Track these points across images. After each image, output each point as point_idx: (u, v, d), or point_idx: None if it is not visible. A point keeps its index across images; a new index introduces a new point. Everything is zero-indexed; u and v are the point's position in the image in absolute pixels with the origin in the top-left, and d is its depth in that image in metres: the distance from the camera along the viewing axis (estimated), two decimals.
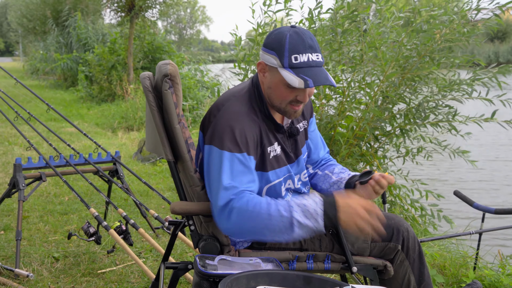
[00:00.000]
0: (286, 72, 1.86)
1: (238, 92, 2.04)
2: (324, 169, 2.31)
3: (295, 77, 1.84)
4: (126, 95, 12.48)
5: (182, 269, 2.08)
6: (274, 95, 1.96)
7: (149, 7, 13.65)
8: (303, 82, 1.83)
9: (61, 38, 20.94)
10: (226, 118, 1.92)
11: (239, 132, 1.89)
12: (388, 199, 4.75)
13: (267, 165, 2.00)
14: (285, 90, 1.92)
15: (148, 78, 2.07)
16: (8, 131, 8.87)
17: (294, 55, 1.86)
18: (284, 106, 1.96)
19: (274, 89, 1.94)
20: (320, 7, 4.41)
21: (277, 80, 1.92)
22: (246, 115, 1.95)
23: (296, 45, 1.86)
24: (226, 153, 1.87)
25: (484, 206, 3.07)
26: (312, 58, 1.87)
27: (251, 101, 2.01)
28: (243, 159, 1.88)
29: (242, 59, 4.78)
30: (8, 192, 3.44)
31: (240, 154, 1.88)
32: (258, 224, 1.78)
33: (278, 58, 1.88)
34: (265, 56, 1.94)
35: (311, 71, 1.86)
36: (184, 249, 3.66)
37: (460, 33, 4.12)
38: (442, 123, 4.35)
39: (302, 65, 1.86)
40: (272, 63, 1.91)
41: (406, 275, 2.13)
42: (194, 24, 76.22)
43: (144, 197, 5.04)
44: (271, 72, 1.94)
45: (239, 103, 1.98)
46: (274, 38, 1.91)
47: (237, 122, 1.90)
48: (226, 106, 1.97)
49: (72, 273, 3.22)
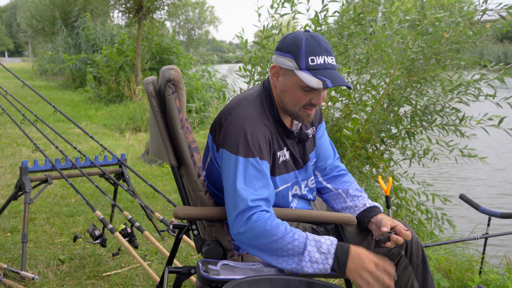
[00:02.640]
0: (303, 73, 1.87)
1: (250, 96, 2.05)
2: (338, 186, 2.28)
3: (312, 78, 1.85)
4: (134, 96, 12.52)
5: (185, 273, 2.08)
6: (288, 98, 1.96)
7: (157, 8, 13.70)
8: (321, 82, 1.84)
9: (69, 39, 21.03)
10: (238, 122, 1.93)
11: (251, 136, 1.89)
12: (395, 201, 4.74)
13: (275, 170, 2.01)
14: (300, 93, 1.92)
15: (151, 83, 2.07)
16: (16, 132, 8.93)
17: (311, 57, 1.87)
18: (298, 110, 1.96)
19: (289, 92, 1.95)
20: (326, 10, 4.41)
21: (292, 83, 1.92)
22: (258, 119, 1.95)
23: (313, 47, 1.87)
24: (240, 158, 1.88)
25: (490, 210, 3.05)
26: (328, 61, 1.88)
27: (262, 105, 2.01)
28: (256, 164, 1.89)
29: (248, 61, 4.79)
30: (15, 195, 3.46)
31: (253, 159, 1.88)
32: (269, 244, 1.79)
33: (294, 60, 1.89)
34: (280, 59, 1.94)
35: (328, 72, 1.87)
36: (190, 251, 3.67)
37: (466, 35, 4.11)
38: (448, 126, 4.34)
39: (319, 67, 1.87)
40: (287, 65, 1.91)
41: (409, 280, 2.12)
42: (203, 25, 76.41)
43: (150, 199, 5.06)
44: (286, 75, 1.94)
45: (250, 107, 1.99)
46: (290, 42, 1.92)
47: (248, 126, 1.91)
48: (238, 110, 1.97)
49: (78, 275, 3.24)
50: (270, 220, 1.81)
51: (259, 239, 1.81)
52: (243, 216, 1.83)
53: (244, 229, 1.82)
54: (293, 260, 1.79)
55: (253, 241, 1.82)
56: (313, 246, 1.78)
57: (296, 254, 1.78)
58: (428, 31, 4.11)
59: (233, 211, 1.85)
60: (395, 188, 4.65)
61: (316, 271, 1.77)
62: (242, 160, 1.88)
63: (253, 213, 1.82)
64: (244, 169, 1.87)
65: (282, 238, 1.78)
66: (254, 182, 1.87)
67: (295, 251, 1.78)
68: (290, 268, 1.81)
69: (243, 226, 1.82)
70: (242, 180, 1.86)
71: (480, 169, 7.57)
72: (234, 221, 1.85)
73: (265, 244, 1.80)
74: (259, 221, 1.80)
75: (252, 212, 1.82)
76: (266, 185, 1.90)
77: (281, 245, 1.78)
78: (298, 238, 1.78)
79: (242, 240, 1.86)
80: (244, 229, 1.82)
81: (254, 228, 1.80)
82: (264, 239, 1.80)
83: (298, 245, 1.78)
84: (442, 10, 4.13)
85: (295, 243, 1.78)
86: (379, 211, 2.12)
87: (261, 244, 1.81)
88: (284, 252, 1.79)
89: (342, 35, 4.28)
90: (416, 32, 4.18)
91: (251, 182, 1.87)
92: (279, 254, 1.80)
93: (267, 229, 1.79)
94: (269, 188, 1.91)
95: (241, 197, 1.84)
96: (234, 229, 1.85)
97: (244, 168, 1.87)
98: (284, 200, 2.08)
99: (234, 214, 1.85)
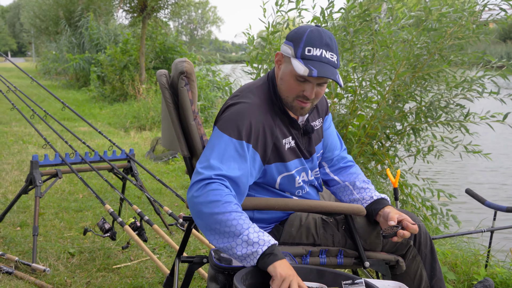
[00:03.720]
0: (296, 61, 1.90)
1: (254, 84, 2.09)
2: (344, 178, 2.29)
3: (302, 65, 1.88)
4: (138, 95, 12.56)
5: (198, 262, 2.11)
6: (283, 86, 1.99)
7: (161, 7, 13.75)
8: (308, 70, 1.86)
9: (73, 38, 21.10)
10: (237, 107, 1.96)
11: (246, 121, 1.92)
12: (400, 198, 4.77)
13: (284, 155, 2.03)
14: (293, 82, 1.95)
15: (164, 75, 2.11)
16: (22, 130, 8.98)
17: (308, 47, 1.90)
18: (291, 100, 1.99)
19: (285, 80, 1.98)
20: (332, 6, 4.44)
21: (288, 71, 1.95)
22: (258, 108, 1.98)
23: (313, 39, 1.90)
24: (225, 136, 1.90)
25: (496, 204, 3.08)
26: (325, 54, 1.90)
27: (265, 94, 2.04)
28: (239, 146, 1.90)
29: (255, 58, 4.82)
30: (25, 189, 3.50)
31: (237, 141, 1.90)
32: (215, 215, 1.75)
33: (293, 48, 1.92)
34: (283, 47, 1.99)
35: (320, 65, 1.89)
36: (198, 245, 3.71)
37: (469, 30, 4.13)
38: (453, 123, 4.37)
39: (313, 58, 1.89)
40: (287, 52, 1.95)
41: (418, 270, 2.15)
42: (205, 25, 76.44)
43: (158, 195, 5.10)
44: (285, 62, 1.98)
45: (253, 95, 2.02)
46: (296, 31, 1.96)
47: (246, 112, 1.94)
48: (240, 97, 2.02)
49: (88, 268, 3.28)
50: (226, 194, 1.79)
51: (208, 207, 1.77)
52: (203, 181, 1.81)
53: (199, 193, 1.80)
54: (229, 238, 1.74)
55: (202, 207, 1.78)
56: (253, 233, 1.72)
57: (233, 233, 1.73)
58: (433, 26, 4.14)
59: (197, 176, 1.84)
60: (401, 184, 4.68)
61: (242, 258, 1.74)
62: (227, 138, 1.89)
63: (214, 182, 1.81)
64: (224, 147, 1.89)
65: (230, 213, 1.74)
66: (231, 162, 1.88)
67: (233, 231, 1.73)
68: (222, 246, 1.76)
69: (199, 190, 1.80)
70: (218, 157, 1.87)
71: (485, 167, 7.61)
72: (193, 184, 1.83)
73: (211, 213, 1.76)
74: (216, 190, 1.78)
75: (213, 181, 1.81)
76: (241, 169, 1.89)
77: (226, 218, 1.74)
78: (242, 222, 1.74)
79: (192, 204, 1.82)
80: (199, 193, 1.80)
81: (209, 195, 1.78)
82: (212, 208, 1.76)
83: (242, 224, 1.73)
84: (447, 6, 4.15)
85: (239, 223, 1.73)
86: (386, 203, 2.14)
87: (207, 212, 1.77)
88: (225, 227, 1.74)
89: (348, 31, 4.31)
90: (422, 28, 4.21)
91: (227, 161, 1.87)
92: (218, 228, 1.75)
93: (219, 200, 1.76)
94: (242, 173, 1.89)
95: (211, 167, 1.84)
96: (190, 192, 1.83)
97: (225, 146, 1.89)
98: (291, 185, 2.10)
99: (196, 178, 1.83)
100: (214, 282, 1.84)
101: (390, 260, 2.12)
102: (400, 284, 1.85)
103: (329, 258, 2.09)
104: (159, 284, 3.08)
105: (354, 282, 1.70)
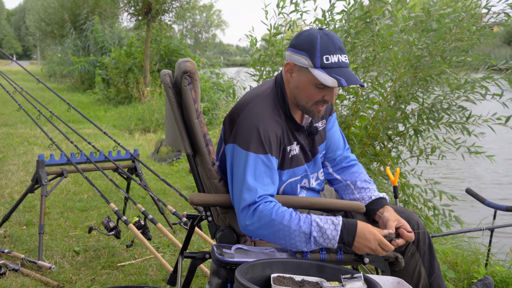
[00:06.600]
0: (318, 72, 1.94)
1: (262, 92, 2.12)
2: (346, 177, 2.34)
3: (327, 76, 1.92)
4: (142, 98, 12.63)
5: (200, 258, 2.16)
6: (302, 95, 2.03)
7: (166, 10, 13.83)
8: (336, 81, 1.91)
9: (78, 41, 21.20)
10: (250, 118, 2.00)
11: (263, 133, 1.97)
12: (402, 198, 4.79)
13: (285, 163, 2.09)
14: (313, 90, 2.00)
15: (168, 75, 2.16)
16: (28, 131, 9.05)
17: (325, 56, 1.94)
18: (310, 106, 2.04)
19: (302, 89, 2.02)
20: (333, 8, 4.48)
21: (306, 80, 1.99)
22: (270, 116, 2.03)
23: (327, 46, 1.95)
24: (251, 154, 1.96)
25: (496, 203, 3.11)
26: (341, 59, 1.96)
27: (274, 102, 2.08)
28: (266, 160, 1.98)
29: (258, 61, 4.86)
30: (32, 187, 3.55)
31: (264, 156, 1.97)
32: (277, 232, 1.90)
33: (309, 58, 1.96)
34: (294, 56, 2.01)
35: (342, 71, 1.95)
36: (201, 244, 3.75)
37: (470, 31, 4.16)
38: (455, 124, 4.39)
39: (333, 66, 1.95)
40: (302, 63, 1.98)
41: (416, 267, 2.19)
42: (210, 28, 76.54)
43: (161, 195, 5.15)
44: (300, 72, 2.01)
45: (263, 103, 2.06)
46: (304, 39, 1.98)
47: (261, 123, 1.99)
48: (250, 106, 2.04)
49: (93, 265, 3.33)
50: (275, 209, 1.91)
51: (266, 229, 1.91)
52: (250, 208, 1.92)
53: (251, 221, 1.92)
54: (301, 246, 1.92)
55: (261, 231, 1.93)
56: (318, 233, 1.89)
57: (303, 242, 1.90)
58: (432, 27, 4.17)
59: (241, 203, 1.94)
60: (402, 185, 4.70)
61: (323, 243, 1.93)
62: (253, 156, 1.96)
63: (259, 204, 1.92)
64: (254, 165, 1.96)
65: (288, 226, 1.88)
66: (264, 178, 1.96)
67: (301, 240, 1.90)
68: (300, 249, 1.93)
69: (249, 219, 1.92)
70: (252, 175, 1.95)
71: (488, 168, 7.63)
72: (241, 213, 1.95)
73: (272, 232, 1.91)
74: (265, 211, 1.90)
75: (258, 204, 1.92)
76: (274, 181, 2.00)
77: (288, 232, 1.89)
78: (304, 227, 1.89)
79: (250, 231, 1.96)
80: (251, 221, 1.92)
81: (261, 218, 1.90)
82: (271, 228, 1.90)
83: (304, 235, 1.89)
84: (446, 7, 4.18)
85: (301, 235, 1.89)
86: (385, 203, 2.18)
87: (269, 233, 1.92)
88: (293, 240, 1.90)
89: (349, 33, 4.35)
90: (421, 29, 4.24)
91: (260, 178, 1.96)
92: (287, 241, 1.91)
93: (273, 218, 1.89)
94: (275, 184, 2.01)
95: (250, 191, 1.93)
96: (242, 222, 1.95)
97: (254, 163, 1.96)
98: (292, 192, 2.17)
99: (241, 207, 1.94)
100: (217, 276, 1.88)
101: (389, 257, 2.16)
102: (399, 280, 1.89)
103: (329, 255, 2.12)
104: (163, 282, 3.13)
105: (353, 276, 1.74)
